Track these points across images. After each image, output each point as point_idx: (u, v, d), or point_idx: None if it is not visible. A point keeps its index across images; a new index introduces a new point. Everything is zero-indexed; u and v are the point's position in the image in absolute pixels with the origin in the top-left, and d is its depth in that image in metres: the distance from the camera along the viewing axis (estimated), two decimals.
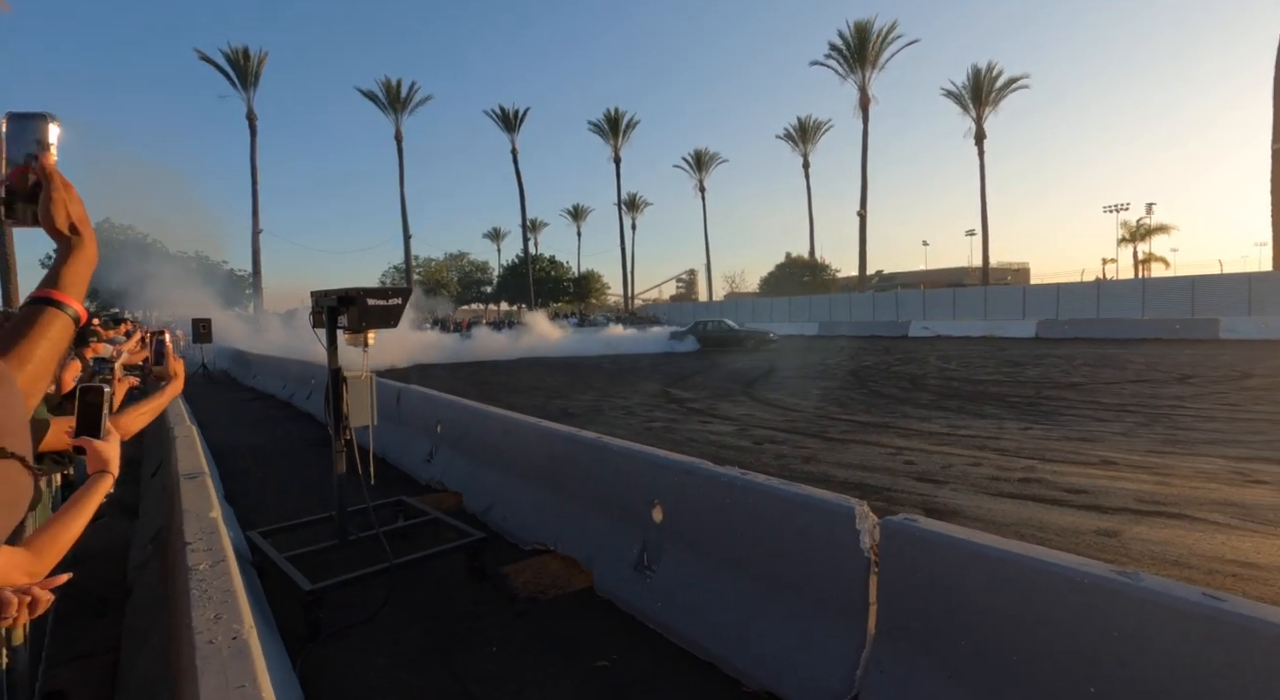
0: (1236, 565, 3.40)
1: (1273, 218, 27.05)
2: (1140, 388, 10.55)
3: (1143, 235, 52.10)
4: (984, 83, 39.02)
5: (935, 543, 2.02)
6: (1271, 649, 1.40)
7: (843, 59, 41.59)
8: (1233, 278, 26.25)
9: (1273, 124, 26.52)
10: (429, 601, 3.28)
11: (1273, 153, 26.62)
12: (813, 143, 50.86)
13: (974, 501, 4.64)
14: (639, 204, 66.20)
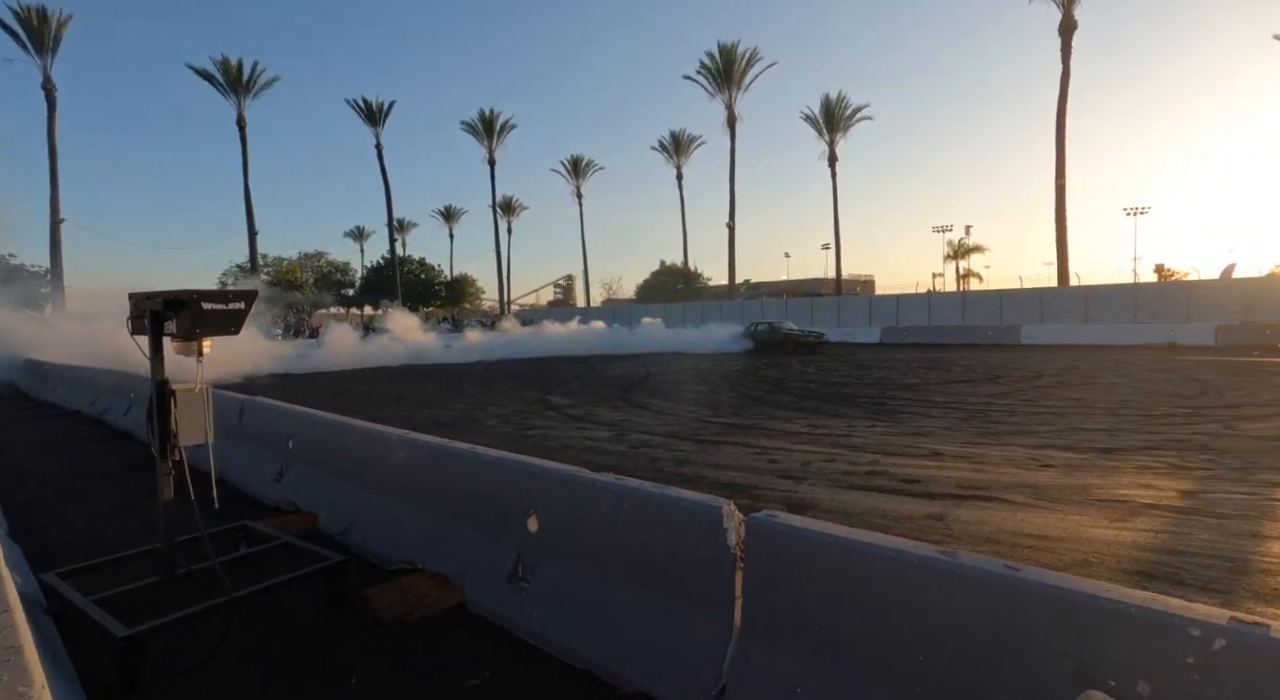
0: (1031, 538, 3.99)
1: (1057, 242, 32.21)
2: (961, 387, 12.08)
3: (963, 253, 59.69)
4: (835, 110, 42.84)
5: (793, 536, 2.18)
6: (1055, 607, 1.67)
7: (711, 77, 43.75)
8: (1029, 292, 30.98)
9: (1056, 162, 31.65)
10: (280, 635, 2.97)
11: (1057, 187, 31.74)
12: (686, 155, 52.96)
13: (829, 495, 5.05)
14: (515, 207, 65.07)
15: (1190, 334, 23.01)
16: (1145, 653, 1.51)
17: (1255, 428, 7.38)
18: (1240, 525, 4.12)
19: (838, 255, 45.37)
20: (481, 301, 68.43)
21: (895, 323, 31.79)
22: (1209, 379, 12.27)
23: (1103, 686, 1.57)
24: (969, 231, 57.79)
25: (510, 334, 28.93)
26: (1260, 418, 8.02)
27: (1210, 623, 1.45)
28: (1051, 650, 1.65)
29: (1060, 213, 31.84)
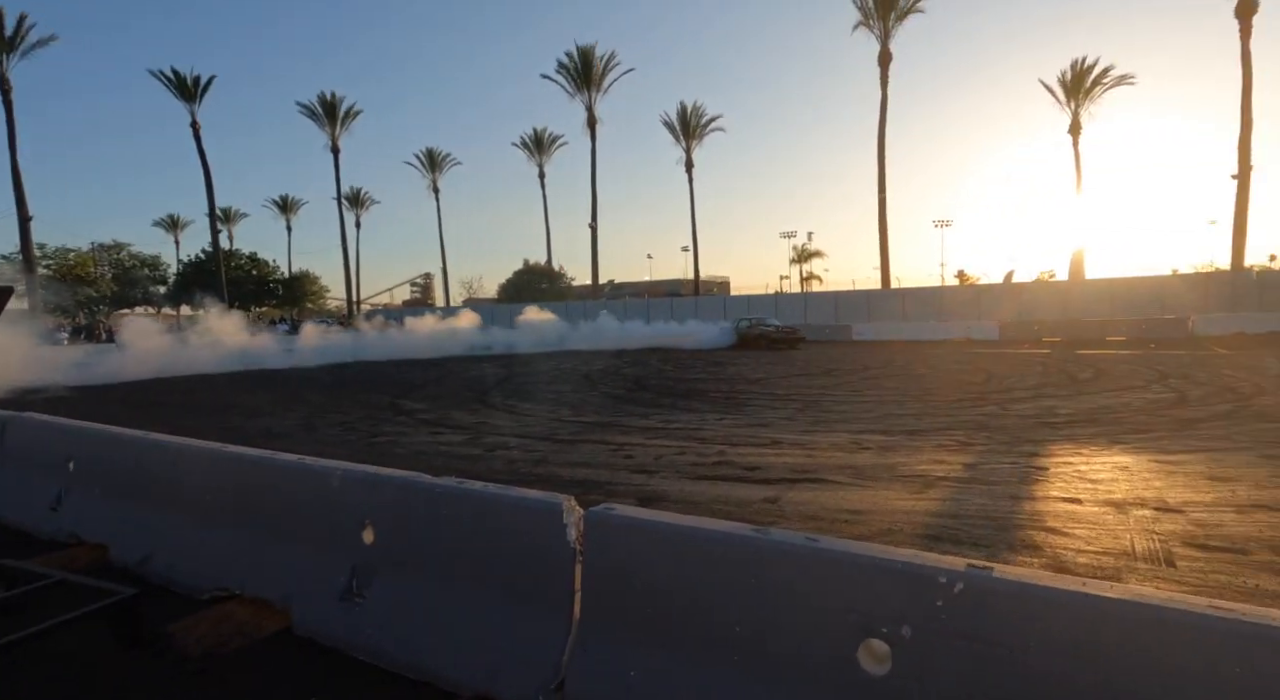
0: (848, 514, 4.49)
1: (880, 249, 36.33)
2: (801, 380, 13.23)
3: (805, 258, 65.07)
4: (690, 119, 44.85)
5: (629, 526, 2.29)
6: (843, 570, 1.91)
7: (570, 78, 43.82)
8: (859, 293, 34.59)
9: (878, 178, 35.67)
10: (55, 688, 2.56)
11: (879, 201, 35.79)
12: (548, 154, 52.58)
13: (678, 486, 5.31)
14: (364, 200, 60.64)
15: (982, 330, 27.05)
16: (907, 601, 1.79)
17: (1021, 408, 8.87)
18: (1005, 490, 4.94)
19: (695, 257, 47.60)
20: (326, 301, 62.94)
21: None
22: (992, 368, 14.52)
23: (878, 635, 1.83)
24: (811, 237, 63.41)
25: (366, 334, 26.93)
26: (1025, 399, 9.65)
27: (953, 570, 1.75)
28: (841, 608, 1.89)
29: (882, 223, 35.96)
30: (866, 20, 34.69)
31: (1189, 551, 3.60)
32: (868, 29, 34.81)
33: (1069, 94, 37.59)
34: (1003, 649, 1.65)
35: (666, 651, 2.12)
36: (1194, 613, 1.45)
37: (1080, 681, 1.54)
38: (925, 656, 1.75)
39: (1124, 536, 3.87)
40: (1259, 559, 3.47)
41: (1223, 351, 16.58)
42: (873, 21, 34.52)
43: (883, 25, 34.31)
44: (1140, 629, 1.49)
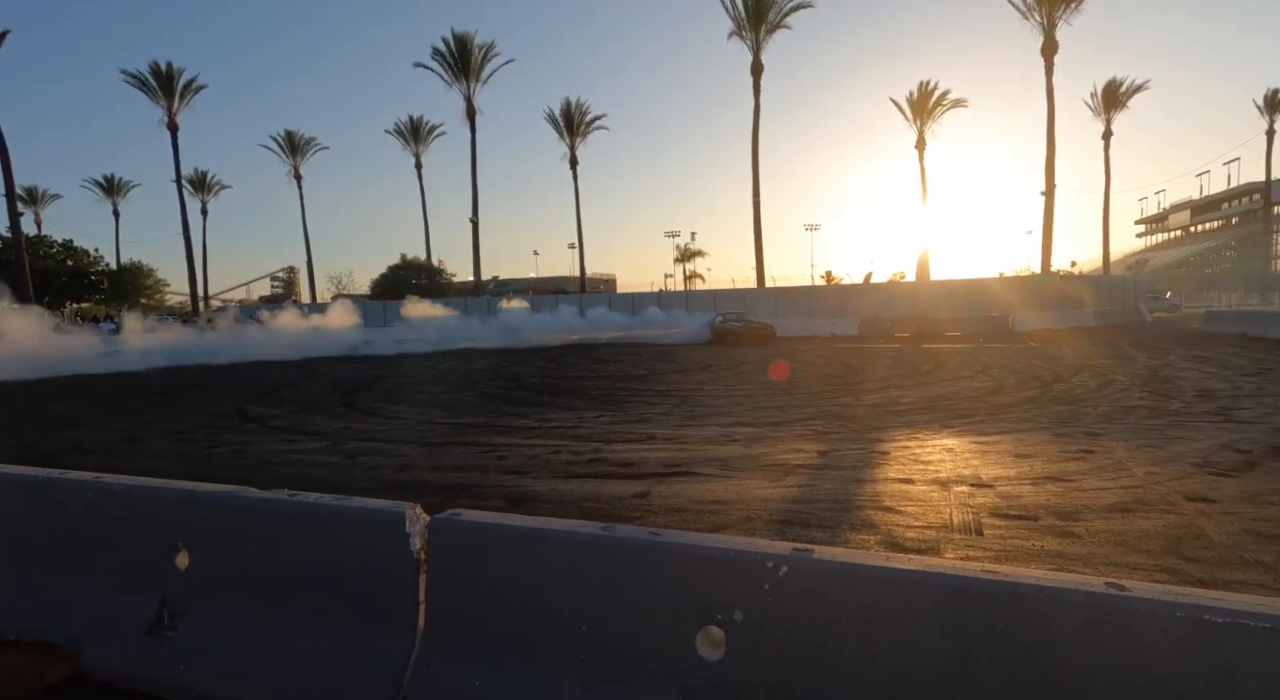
0: (713, 504, 4.67)
1: (755, 250, 38.30)
2: (680, 376, 13.62)
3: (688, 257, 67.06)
4: (574, 115, 44.65)
5: (476, 531, 2.21)
6: (685, 562, 1.97)
7: (447, 66, 41.98)
8: (737, 292, 36.22)
9: (752, 182, 37.56)
10: None
11: (754, 204, 37.70)
12: (425, 144, 50.05)
13: (551, 485, 5.26)
14: (211, 185, 54.48)
15: (844, 327, 29.33)
16: (740, 586, 1.88)
17: (872, 398, 9.72)
18: (852, 475, 5.38)
19: (581, 254, 47.53)
20: (165, 296, 55.89)
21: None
22: (850, 362, 15.80)
23: (714, 621, 1.90)
24: (694, 237, 65.42)
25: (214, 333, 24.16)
26: (876, 390, 10.59)
27: (778, 554, 1.86)
28: (682, 598, 1.95)
29: (757, 226, 37.90)
30: (739, 30, 36.35)
31: (994, 521, 4.12)
32: (740, 39, 36.51)
33: (915, 112, 41.74)
34: (821, 623, 1.78)
35: (514, 657, 2.08)
36: (968, 577, 1.64)
37: (882, 646, 1.70)
38: (755, 638, 1.85)
39: (945, 511, 4.35)
40: (1046, 524, 4.03)
41: (1034, 344, 19.18)
42: (745, 32, 36.23)
43: (754, 36, 36.10)
44: (927, 595, 1.66)
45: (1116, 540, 3.73)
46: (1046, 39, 33.29)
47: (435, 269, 49.83)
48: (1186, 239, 73.64)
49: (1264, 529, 3.81)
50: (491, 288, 53.34)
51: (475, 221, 43.40)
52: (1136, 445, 6.04)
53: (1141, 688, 1.45)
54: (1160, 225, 79.35)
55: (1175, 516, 4.08)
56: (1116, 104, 45.14)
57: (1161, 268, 63.97)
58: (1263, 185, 53.71)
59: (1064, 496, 4.56)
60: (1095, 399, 8.89)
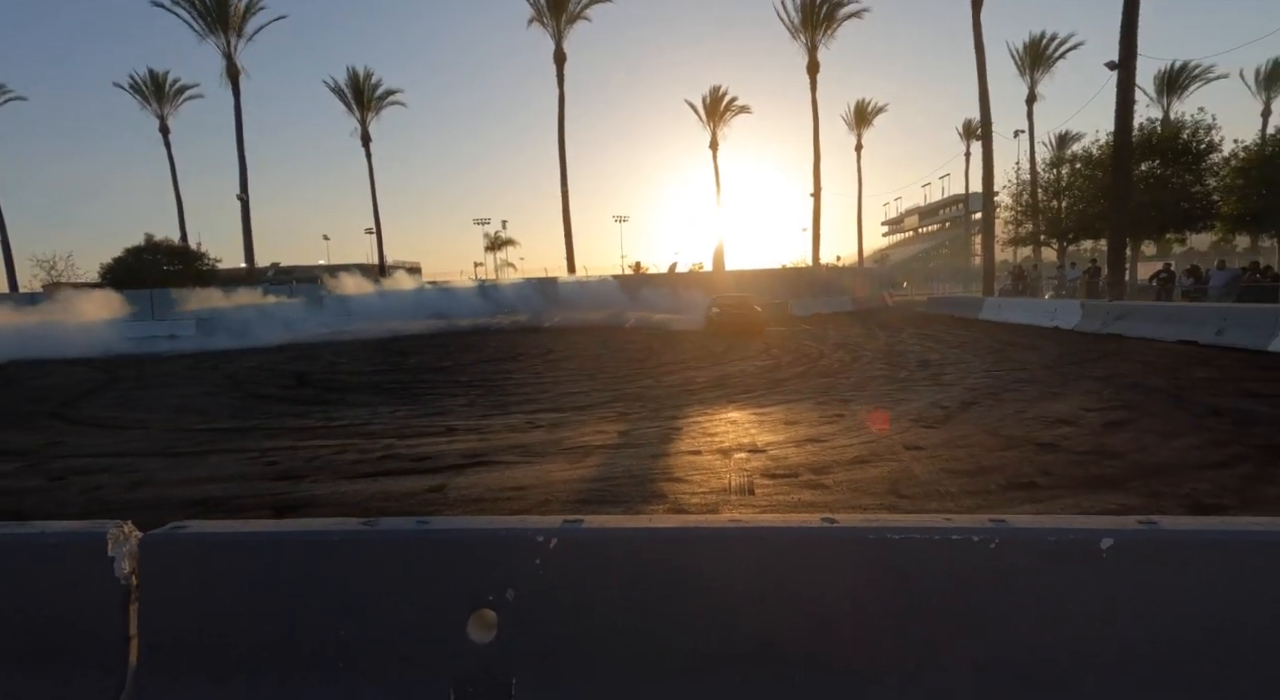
0: (512, 491, 4.61)
1: (565, 239, 38.59)
2: (487, 366, 13.24)
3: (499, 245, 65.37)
4: (364, 87, 40.75)
5: (203, 544, 1.91)
6: (456, 547, 1.90)
7: (198, 13, 35.59)
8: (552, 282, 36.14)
9: (560, 172, 37.72)
10: None
11: (562, 193, 37.91)
12: (173, 105, 41.99)
13: (331, 488, 4.77)
14: None
15: (648, 314, 30.87)
16: (511, 565, 1.86)
17: (671, 379, 10.36)
18: (648, 451, 5.67)
19: (379, 239, 43.89)
20: None
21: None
22: (654, 346, 16.68)
23: (486, 603, 1.86)
24: (505, 225, 63.77)
25: None
26: (675, 372, 11.32)
27: (549, 528, 1.88)
28: (453, 584, 1.88)
29: (566, 215, 38.20)
30: (540, 17, 36.05)
31: (765, 481, 4.63)
32: (542, 25, 36.24)
33: (709, 115, 45.10)
34: (589, 590, 1.83)
35: (256, 680, 1.84)
36: (715, 528, 1.81)
37: (641, 601, 1.80)
38: (528, 613, 1.84)
39: (726, 476, 4.79)
40: (804, 479, 4.64)
41: (807, 327, 21.99)
42: (546, 19, 36.02)
43: (555, 24, 36.07)
44: (679, 544, 1.80)
45: (855, 486, 4.41)
46: (810, 58, 38.06)
47: (193, 252, 42.26)
48: (916, 239, 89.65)
49: (954, 467, 4.79)
50: (270, 276, 46.85)
51: (244, 199, 37.69)
52: (874, 408, 7.22)
53: (847, 590, 1.72)
54: (898, 227, 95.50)
55: (896, 463, 4.94)
56: (865, 121, 53.27)
57: (899, 263, 77.16)
58: (964, 197, 67.20)
59: (819, 455, 5.28)
60: (849, 372, 10.45)
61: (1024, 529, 1.69)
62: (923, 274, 71.37)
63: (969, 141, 58.39)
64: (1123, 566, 1.62)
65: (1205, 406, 6.65)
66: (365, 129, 41.27)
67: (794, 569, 1.75)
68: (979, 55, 27.75)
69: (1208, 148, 24.53)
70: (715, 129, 45.26)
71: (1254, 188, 21.97)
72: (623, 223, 61.55)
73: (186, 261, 39.89)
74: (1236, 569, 1.61)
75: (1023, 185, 31.78)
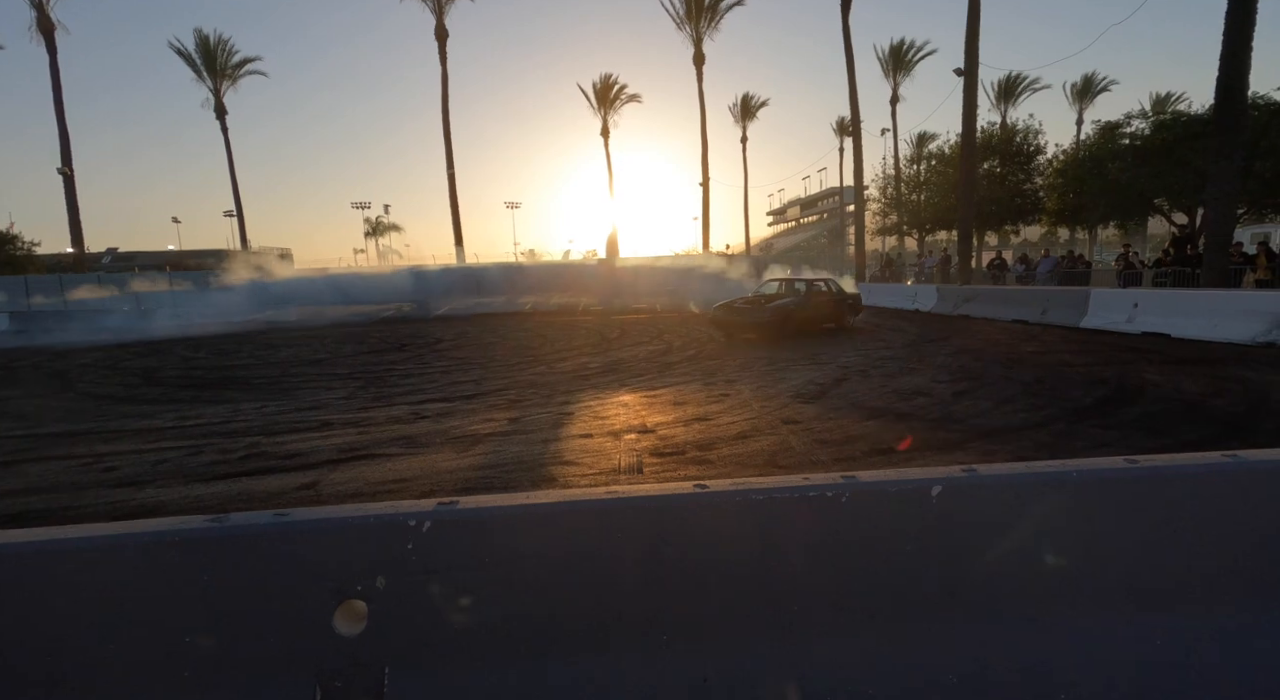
0: (394, 483, 4.41)
1: (454, 224, 37.08)
2: (370, 358, 12.49)
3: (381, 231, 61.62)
4: (215, 51, 36.69)
5: (20, 554, 1.67)
6: (319, 540, 1.79)
7: None
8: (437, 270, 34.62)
9: (445, 154, 36.11)
10: None
11: (449, 176, 36.34)
12: None
13: (182, 492, 4.31)
14: None
15: (545, 303, 30.47)
16: (380, 552, 1.78)
17: (564, 365, 10.31)
18: (539, 437, 5.62)
19: (241, 222, 39.90)
20: None
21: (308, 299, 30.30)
22: (547, 334, 16.51)
23: (354, 594, 1.77)
24: (388, 210, 60.12)
25: None
26: (569, 358, 11.27)
27: (422, 511, 1.81)
28: (316, 576, 1.77)
29: (453, 199, 36.67)
30: None
31: (653, 459, 4.75)
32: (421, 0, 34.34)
33: (600, 101, 44.94)
34: (466, 570, 1.80)
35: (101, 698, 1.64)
36: (594, 500, 1.84)
37: (521, 579, 1.79)
38: (400, 600, 1.78)
39: (616, 457, 4.85)
40: (691, 456, 4.80)
41: (696, 311, 22.66)
42: None
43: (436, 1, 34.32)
44: (559, 519, 1.81)
45: (737, 461, 4.64)
46: (696, 49, 38.94)
47: (3, 234, 36.26)
48: (798, 229, 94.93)
49: (826, 438, 5.16)
50: (107, 262, 41.22)
51: (67, 173, 32.75)
52: (757, 387, 7.60)
53: (723, 540, 1.82)
54: (782, 217, 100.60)
55: (775, 437, 5.25)
56: (750, 114, 55.41)
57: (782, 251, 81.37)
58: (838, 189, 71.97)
59: (705, 432, 5.49)
60: (734, 354, 10.91)
61: (870, 483, 1.86)
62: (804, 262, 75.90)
63: (842, 137, 62.50)
64: (949, 509, 1.84)
65: (1030, 377, 7.63)
66: (219, 100, 37.19)
67: (673, 535, 1.81)
68: (848, 57, 29.68)
69: (1035, 150, 27.95)
70: (606, 116, 45.25)
71: (1069, 187, 25.30)
72: (515, 209, 60.08)
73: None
74: (1037, 504, 1.87)
75: (888, 180, 34.55)
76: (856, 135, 31.48)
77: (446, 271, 34.16)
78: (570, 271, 35.42)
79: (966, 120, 20.76)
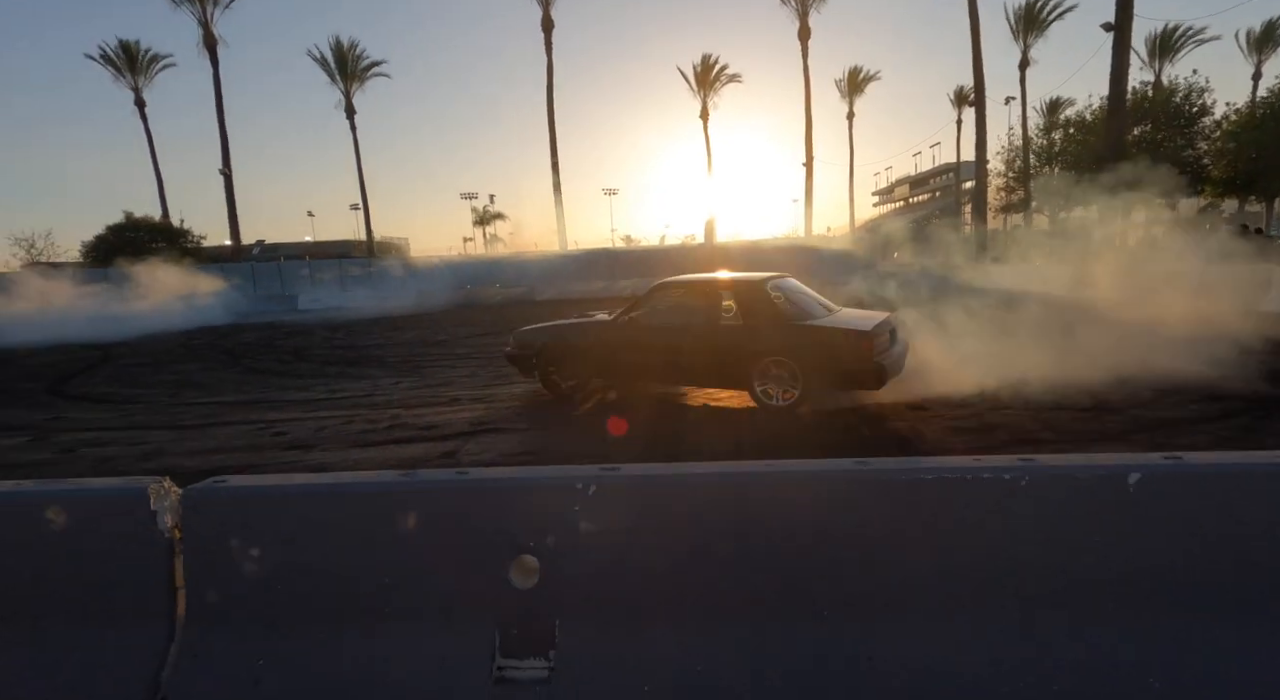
0: (524, 454, 4.65)
1: (557, 213, 38.22)
2: (486, 339, 13.19)
3: (488, 220, 64.57)
4: (347, 57, 39.69)
5: (245, 498, 1.93)
6: (495, 496, 1.93)
7: None
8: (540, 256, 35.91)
9: (550, 143, 37.12)
10: None
11: (553, 165, 37.39)
12: (148, 77, 40.69)
13: (343, 456, 4.79)
14: None
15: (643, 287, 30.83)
16: (551, 511, 1.89)
17: None
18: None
19: (366, 215, 43.23)
20: None
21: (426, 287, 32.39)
22: None
23: (527, 549, 1.90)
24: (493, 200, 62.90)
25: None
26: None
27: (588, 475, 1.90)
28: (493, 532, 1.91)
29: (557, 188, 37.74)
30: None
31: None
32: None
33: (699, 84, 44.35)
34: (628, 534, 1.87)
35: (307, 626, 1.87)
36: (760, 471, 1.85)
37: (680, 545, 1.84)
38: (567, 558, 1.88)
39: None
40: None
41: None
42: None
43: None
44: (719, 488, 1.84)
45: None
46: (801, 24, 37.41)
47: (177, 229, 41.45)
48: (906, 209, 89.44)
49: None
50: (256, 253, 46.17)
51: (227, 174, 36.97)
52: None
53: (883, 517, 1.77)
54: (889, 197, 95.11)
55: None
56: (857, 89, 52.56)
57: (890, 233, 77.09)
58: (954, 165, 66.90)
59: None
60: None
61: (1053, 467, 1.73)
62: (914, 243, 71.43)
63: (960, 109, 57.87)
64: (1147, 498, 1.68)
65: None
66: (349, 101, 40.31)
67: (836, 509, 1.79)
68: (973, 19, 27.36)
69: (1200, 111, 24.48)
70: (706, 98, 44.58)
71: (1244, 151, 22.01)
72: (612, 195, 60.90)
73: (170, 238, 39.17)
74: (1253, 496, 1.67)
75: (1015, 152, 31.67)
76: (980, 104, 29.08)
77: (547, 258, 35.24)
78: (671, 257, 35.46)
79: (1115, 80, 18.56)
